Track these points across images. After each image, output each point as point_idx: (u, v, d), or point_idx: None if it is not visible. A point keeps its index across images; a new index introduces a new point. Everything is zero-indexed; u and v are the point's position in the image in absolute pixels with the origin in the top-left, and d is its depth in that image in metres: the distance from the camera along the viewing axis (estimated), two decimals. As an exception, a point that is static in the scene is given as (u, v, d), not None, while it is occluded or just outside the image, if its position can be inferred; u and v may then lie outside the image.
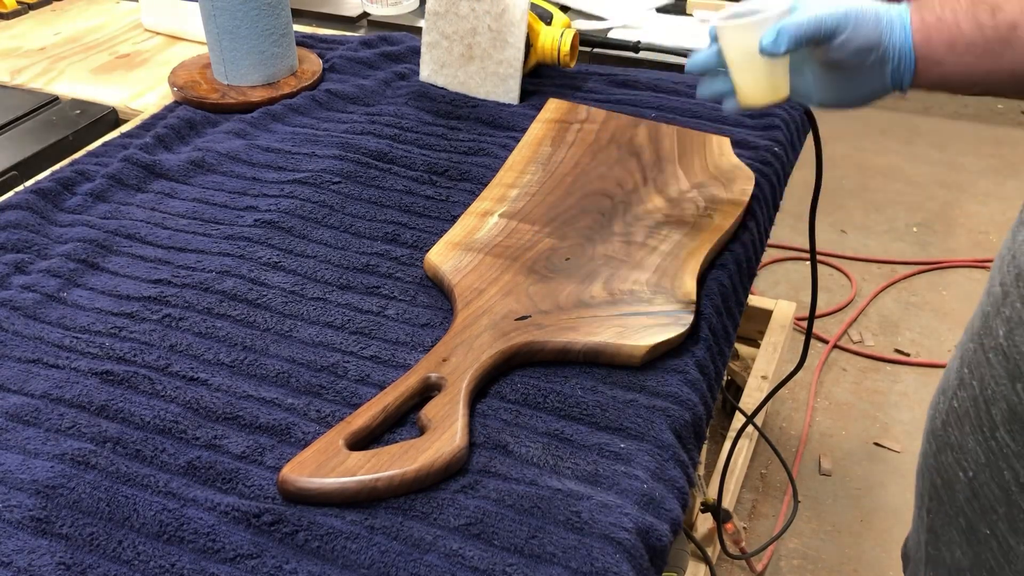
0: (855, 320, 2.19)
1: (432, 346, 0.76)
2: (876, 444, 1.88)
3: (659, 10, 1.44)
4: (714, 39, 0.74)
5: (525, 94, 1.15)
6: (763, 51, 0.70)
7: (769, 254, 2.35)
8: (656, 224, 0.88)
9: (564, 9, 1.40)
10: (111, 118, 1.21)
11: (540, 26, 1.14)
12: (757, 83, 0.75)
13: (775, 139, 1.08)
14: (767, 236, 1.01)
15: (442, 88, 1.17)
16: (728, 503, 1.54)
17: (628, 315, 0.77)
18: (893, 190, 2.66)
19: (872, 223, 2.52)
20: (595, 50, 1.31)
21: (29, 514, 0.62)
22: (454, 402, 0.69)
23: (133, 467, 0.66)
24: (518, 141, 1.03)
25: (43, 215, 0.95)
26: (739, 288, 0.90)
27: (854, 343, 2.13)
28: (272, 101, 1.15)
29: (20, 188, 1.00)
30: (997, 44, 0.64)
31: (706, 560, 1.35)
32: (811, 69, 0.73)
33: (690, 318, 0.77)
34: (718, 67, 0.75)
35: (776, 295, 2.11)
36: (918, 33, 0.67)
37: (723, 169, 0.96)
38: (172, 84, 1.18)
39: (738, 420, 1.59)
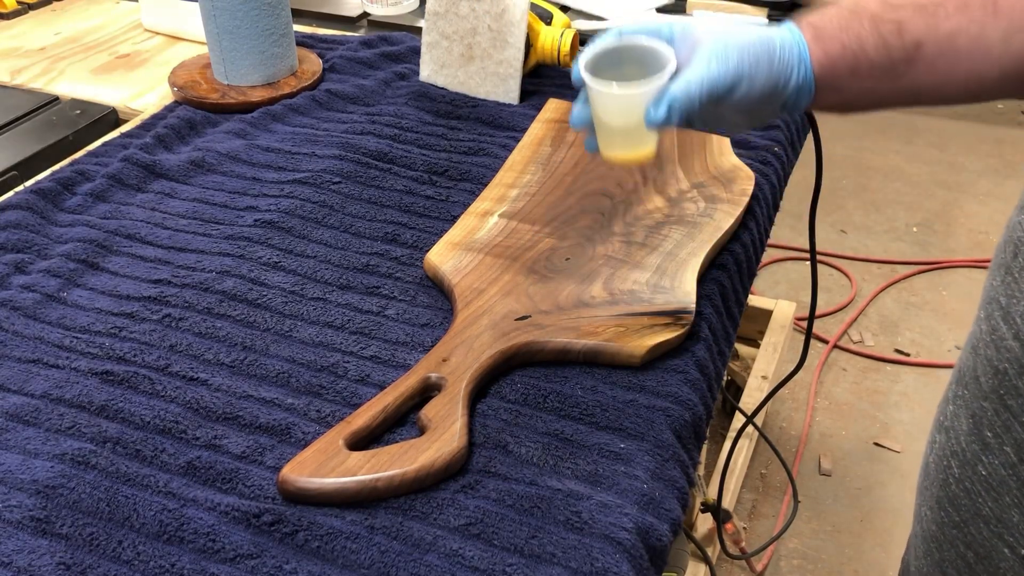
0: (855, 320, 2.19)
1: (432, 346, 0.76)
2: (876, 444, 1.88)
3: (659, 10, 1.44)
4: (574, 81, 0.66)
5: (525, 94, 1.15)
6: (651, 125, 0.63)
7: (769, 254, 2.36)
8: (656, 224, 0.88)
9: (564, 9, 1.40)
10: (111, 118, 1.21)
11: (540, 26, 1.14)
12: (627, 144, 0.68)
13: (775, 139, 1.08)
14: (767, 236, 1.01)
15: (442, 88, 1.17)
16: (728, 503, 1.54)
17: (628, 315, 0.77)
18: (893, 190, 2.66)
19: (872, 223, 2.52)
20: (595, 50, 1.31)
21: (29, 514, 0.62)
22: (454, 402, 0.69)
23: (133, 467, 0.66)
24: (518, 141, 1.03)
25: (43, 215, 0.95)
26: (739, 288, 0.90)
27: (854, 343, 2.13)
28: (272, 101, 1.15)
29: (20, 188, 1.00)
30: (902, 64, 0.61)
31: (706, 560, 1.35)
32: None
33: (690, 318, 0.78)
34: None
35: (776, 295, 2.11)
36: (820, 68, 0.62)
37: (723, 169, 0.96)
38: (172, 84, 1.18)
39: (738, 420, 1.59)
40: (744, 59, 0.62)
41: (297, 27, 1.33)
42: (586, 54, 0.66)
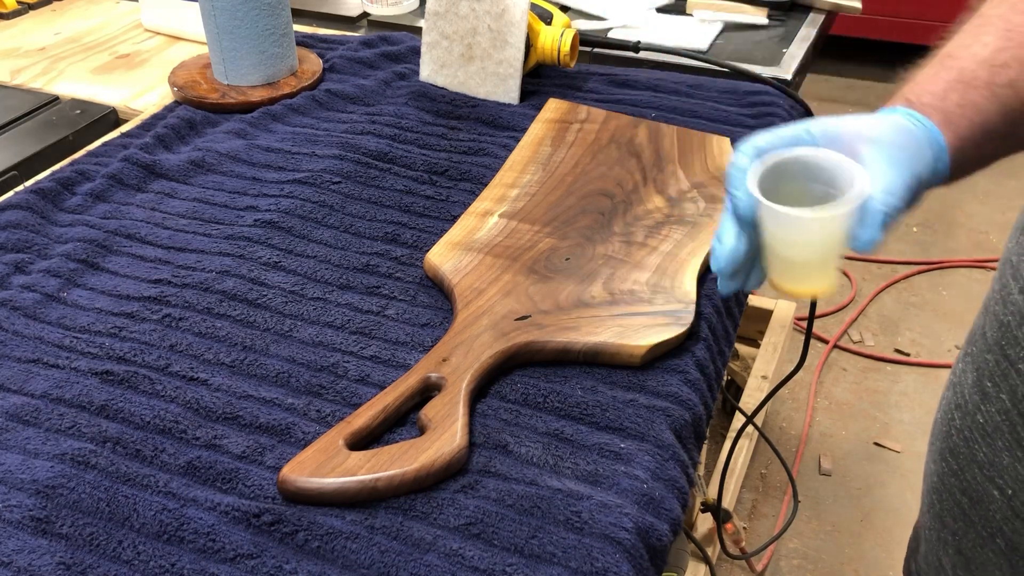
0: (855, 320, 2.19)
1: (432, 346, 0.76)
2: (876, 444, 1.89)
3: (659, 10, 1.44)
4: (742, 216, 0.58)
5: (525, 94, 1.15)
6: (864, 248, 0.56)
7: (769, 254, 2.35)
8: (656, 224, 0.88)
9: (564, 9, 1.40)
10: (111, 118, 1.21)
11: (540, 26, 1.14)
12: (808, 274, 0.59)
13: (775, 139, 1.08)
14: (767, 236, 1.01)
15: (442, 88, 1.17)
16: (728, 503, 1.54)
17: (628, 315, 0.77)
18: (893, 190, 2.66)
19: (872, 223, 2.52)
20: (595, 50, 1.32)
21: (29, 514, 0.62)
22: (454, 402, 0.69)
23: (133, 467, 0.66)
24: (518, 141, 1.03)
25: (43, 215, 0.95)
26: (739, 288, 0.90)
27: (854, 343, 2.13)
28: (272, 101, 1.15)
29: (20, 188, 1.00)
30: (1019, 119, 0.59)
31: (706, 560, 1.35)
32: None
33: (690, 318, 0.78)
34: (750, 257, 0.60)
35: (776, 295, 2.11)
36: (954, 151, 0.59)
37: (723, 169, 0.96)
38: (172, 84, 1.18)
39: (738, 420, 1.59)
40: (913, 160, 0.58)
41: (297, 27, 1.33)
42: (752, 172, 0.57)
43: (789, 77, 1.26)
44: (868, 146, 0.58)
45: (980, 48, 0.60)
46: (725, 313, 0.85)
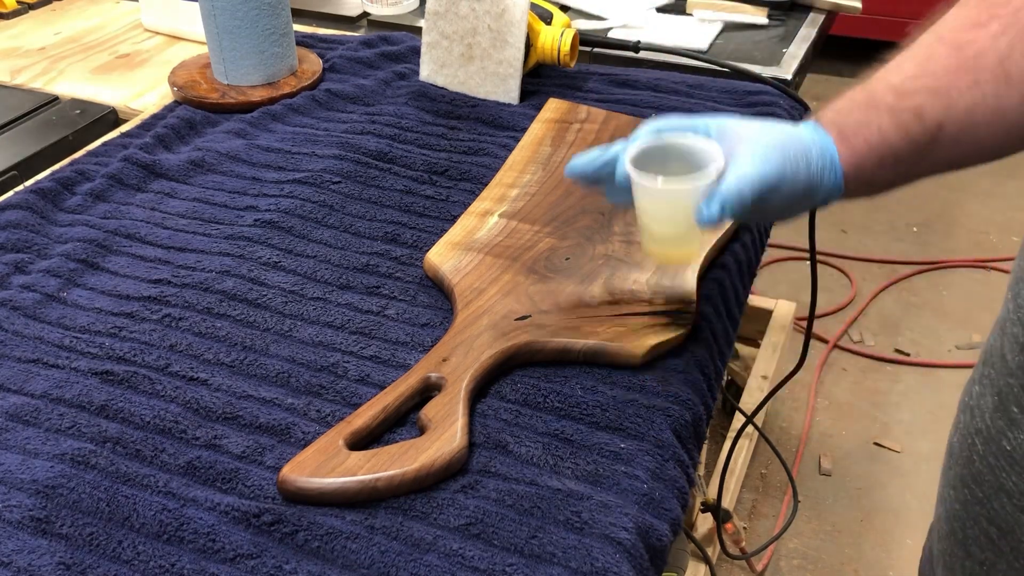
0: (855, 320, 2.20)
1: (432, 346, 0.76)
2: (876, 444, 1.89)
3: (659, 10, 1.44)
4: (625, 178, 0.67)
5: (525, 94, 1.15)
6: (703, 224, 0.64)
7: (769, 254, 2.36)
8: (656, 224, 0.88)
9: (564, 9, 1.40)
10: (111, 118, 1.21)
11: (540, 26, 1.14)
12: (672, 242, 0.69)
13: (775, 139, 1.08)
14: (767, 236, 1.01)
15: (442, 88, 1.17)
16: (728, 503, 1.54)
17: (628, 315, 0.77)
18: (893, 190, 2.66)
19: (872, 223, 2.52)
20: (595, 50, 1.32)
21: (29, 514, 0.62)
22: (454, 402, 0.69)
23: (133, 467, 0.66)
24: (518, 141, 1.03)
25: (43, 215, 0.95)
26: (739, 288, 0.90)
27: (854, 343, 2.13)
28: (272, 101, 1.15)
29: (20, 188, 1.00)
30: (925, 148, 0.62)
31: (706, 560, 1.35)
32: None
33: (690, 318, 0.78)
34: (606, 177, 0.69)
35: (776, 295, 2.11)
36: (848, 167, 0.64)
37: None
38: (172, 84, 1.18)
39: (738, 420, 1.59)
40: (786, 161, 0.63)
41: (297, 27, 1.32)
42: (631, 149, 0.67)
43: (789, 77, 1.26)
44: (745, 143, 0.64)
45: (895, 75, 0.63)
46: (725, 313, 0.85)
